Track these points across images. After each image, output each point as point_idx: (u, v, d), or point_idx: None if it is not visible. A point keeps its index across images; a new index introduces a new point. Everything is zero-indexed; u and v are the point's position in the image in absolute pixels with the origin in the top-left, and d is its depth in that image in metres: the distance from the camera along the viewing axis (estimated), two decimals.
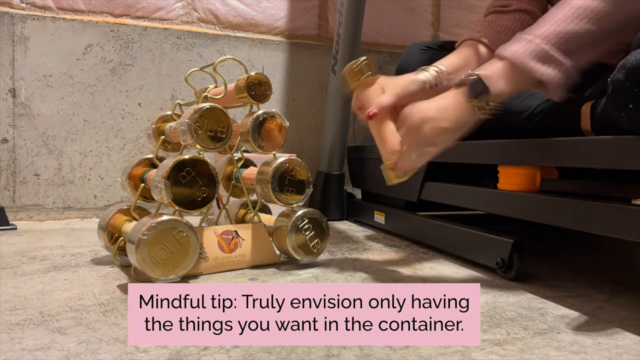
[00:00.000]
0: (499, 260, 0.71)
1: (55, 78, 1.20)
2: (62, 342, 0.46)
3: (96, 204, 1.25)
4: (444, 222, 0.87)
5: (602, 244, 1.03)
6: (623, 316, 0.56)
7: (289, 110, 1.43)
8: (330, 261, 0.80)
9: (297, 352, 0.44)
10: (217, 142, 0.70)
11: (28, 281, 0.66)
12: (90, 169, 1.24)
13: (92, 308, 0.55)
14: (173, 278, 0.64)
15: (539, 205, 0.67)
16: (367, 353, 0.44)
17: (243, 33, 1.38)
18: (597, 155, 0.58)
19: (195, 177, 0.67)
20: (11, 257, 0.80)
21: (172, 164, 0.65)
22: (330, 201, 1.28)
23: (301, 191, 0.77)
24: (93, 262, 0.77)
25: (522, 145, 0.70)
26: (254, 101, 0.75)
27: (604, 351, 0.46)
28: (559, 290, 0.66)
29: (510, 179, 0.74)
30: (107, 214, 0.77)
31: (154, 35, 1.27)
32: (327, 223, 0.79)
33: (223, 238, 0.74)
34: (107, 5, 1.25)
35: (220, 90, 0.79)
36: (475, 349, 0.46)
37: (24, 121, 1.18)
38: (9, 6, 1.17)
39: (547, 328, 0.52)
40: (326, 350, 0.45)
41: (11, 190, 1.17)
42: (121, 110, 1.26)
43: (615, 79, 0.53)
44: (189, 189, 0.66)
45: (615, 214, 0.56)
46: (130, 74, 1.26)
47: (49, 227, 1.10)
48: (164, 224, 0.62)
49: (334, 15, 1.45)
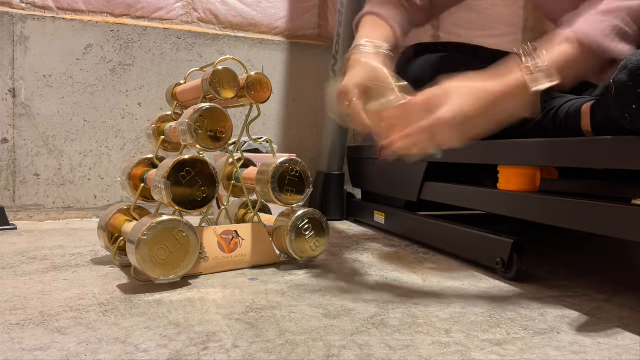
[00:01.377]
0: (499, 260, 0.71)
1: (55, 78, 1.20)
2: (62, 342, 0.46)
3: (96, 204, 1.25)
4: (444, 222, 0.87)
5: (602, 244, 1.03)
6: (623, 316, 0.56)
7: (289, 110, 1.43)
8: (330, 261, 0.80)
9: (297, 352, 0.44)
10: (217, 142, 0.70)
11: (28, 281, 0.66)
12: (90, 169, 1.24)
13: (92, 308, 0.55)
14: (173, 278, 0.64)
15: (539, 205, 0.67)
16: (367, 353, 0.44)
17: (243, 33, 1.38)
18: (597, 155, 0.58)
19: (195, 177, 0.67)
20: (11, 257, 0.80)
21: (172, 164, 0.65)
22: (330, 201, 1.28)
23: (301, 191, 0.77)
24: (93, 262, 0.77)
25: (522, 145, 0.70)
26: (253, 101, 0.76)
27: (604, 351, 0.46)
28: (559, 290, 0.66)
29: (510, 179, 0.74)
30: (107, 214, 0.77)
31: (154, 35, 1.27)
32: (327, 223, 0.79)
33: (223, 238, 0.74)
34: (107, 5, 1.25)
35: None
36: (475, 348, 0.46)
37: (24, 121, 1.18)
38: (9, 6, 1.17)
39: (547, 328, 0.52)
40: (326, 350, 0.45)
41: (11, 190, 1.17)
42: (121, 110, 1.26)
43: (617, 80, 0.52)
44: (189, 189, 0.66)
45: (615, 214, 0.56)
46: (130, 74, 1.26)
47: (49, 227, 1.10)
48: (164, 224, 0.62)
49: (334, 15, 1.45)
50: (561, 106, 0.72)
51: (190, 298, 0.60)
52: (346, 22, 1.22)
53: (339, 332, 0.49)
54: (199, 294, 0.62)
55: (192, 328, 0.50)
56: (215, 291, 0.63)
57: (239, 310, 0.55)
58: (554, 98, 0.75)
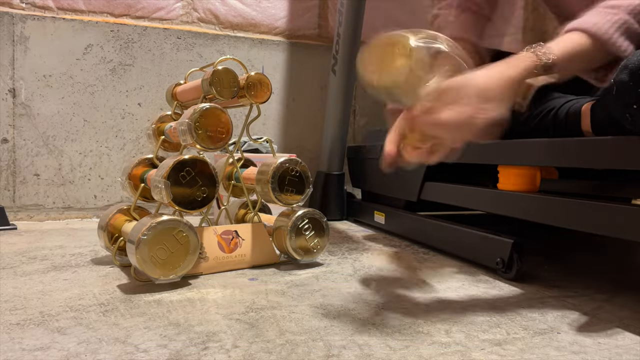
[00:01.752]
0: (499, 260, 0.71)
1: (55, 78, 1.20)
2: (62, 342, 0.46)
3: (96, 204, 1.25)
4: (444, 222, 0.87)
5: (602, 244, 1.03)
6: (623, 316, 0.56)
7: (289, 110, 1.43)
8: (331, 261, 0.80)
9: (297, 352, 0.44)
10: (217, 142, 0.70)
11: (28, 281, 0.66)
12: (90, 169, 1.24)
13: (92, 308, 0.55)
14: (173, 278, 0.64)
15: (539, 205, 0.67)
16: (367, 353, 0.44)
17: (243, 33, 1.38)
18: (597, 155, 0.58)
19: (195, 177, 0.67)
20: (11, 257, 0.80)
21: (172, 164, 0.65)
22: (330, 201, 1.28)
23: (301, 191, 0.77)
24: (93, 262, 0.77)
25: (522, 145, 0.70)
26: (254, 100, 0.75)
27: (604, 351, 0.46)
28: (559, 290, 0.66)
29: (510, 179, 0.74)
30: (107, 214, 0.77)
31: (154, 35, 1.27)
32: (327, 223, 0.79)
33: (223, 238, 0.74)
34: (107, 5, 1.25)
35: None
36: (475, 348, 0.46)
37: (24, 121, 1.18)
38: (9, 6, 1.17)
39: (547, 328, 0.52)
40: (326, 350, 0.45)
41: (11, 190, 1.17)
42: (121, 110, 1.26)
43: (618, 80, 0.53)
44: (189, 188, 0.66)
45: (615, 214, 0.56)
46: (130, 74, 1.26)
47: (49, 227, 1.10)
48: (164, 224, 0.62)
49: (334, 15, 1.45)
50: (561, 106, 0.72)
51: (190, 298, 0.60)
52: (346, 22, 1.22)
53: (339, 332, 0.49)
54: (199, 294, 0.62)
55: (192, 328, 0.50)
56: (215, 291, 0.63)
57: (239, 310, 0.55)
58: (554, 98, 0.75)
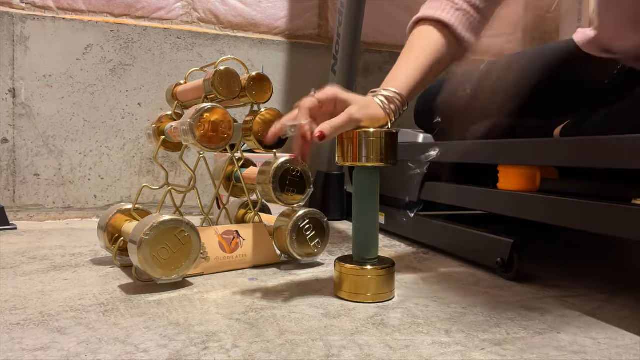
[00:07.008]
0: (499, 260, 0.71)
1: (55, 78, 1.20)
2: (62, 342, 0.46)
3: (96, 204, 1.25)
4: (444, 222, 0.87)
5: (602, 244, 1.03)
6: (623, 316, 0.56)
7: (289, 110, 1.42)
8: (331, 261, 0.80)
9: (297, 352, 0.44)
10: (219, 142, 0.70)
11: (28, 281, 0.66)
12: (90, 169, 1.24)
13: (92, 308, 0.55)
14: (175, 278, 0.64)
15: (539, 205, 0.67)
16: (367, 353, 0.44)
17: (243, 33, 1.38)
18: (597, 155, 0.58)
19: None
20: (11, 257, 0.80)
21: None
22: (330, 201, 1.28)
23: (302, 191, 0.77)
24: (93, 262, 0.77)
25: (522, 145, 0.70)
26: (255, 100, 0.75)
27: (604, 351, 0.46)
28: (559, 290, 0.66)
29: (510, 179, 0.74)
30: (107, 214, 0.77)
31: (154, 35, 1.27)
32: (327, 223, 0.79)
33: (224, 238, 0.74)
34: (107, 5, 1.25)
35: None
36: (475, 348, 0.46)
37: (24, 121, 1.18)
38: (9, 6, 1.17)
39: (547, 328, 0.52)
40: (326, 350, 0.45)
41: (11, 190, 1.17)
42: (121, 110, 1.26)
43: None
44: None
45: (615, 214, 0.56)
46: (130, 74, 1.26)
47: (49, 227, 1.10)
48: (166, 224, 0.62)
49: (334, 15, 1.45)
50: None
51: (190, 298, 0.60)
52: (346, 22, 1.22)
53: (339, 332, 0.49)
54: (199, 294, 0.62)
55: (192, 328, 0.50)
56: (216, 291, 0.63)
57: (239, 310, 0.55)
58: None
